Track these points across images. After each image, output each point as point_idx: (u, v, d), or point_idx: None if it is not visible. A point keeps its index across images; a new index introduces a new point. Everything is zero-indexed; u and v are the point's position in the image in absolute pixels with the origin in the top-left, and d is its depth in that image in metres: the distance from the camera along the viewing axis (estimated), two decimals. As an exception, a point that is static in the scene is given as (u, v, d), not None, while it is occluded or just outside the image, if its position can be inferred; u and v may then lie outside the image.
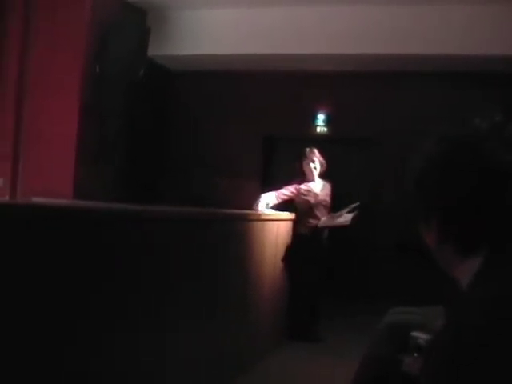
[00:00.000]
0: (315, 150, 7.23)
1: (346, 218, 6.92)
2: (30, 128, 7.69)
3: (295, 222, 7.04)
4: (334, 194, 7.42)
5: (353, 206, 6.98)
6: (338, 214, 7.04)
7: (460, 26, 7.87)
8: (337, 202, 9.39)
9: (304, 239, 6.90)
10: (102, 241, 3.27)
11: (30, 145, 7.69)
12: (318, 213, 7.06)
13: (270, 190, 7.17)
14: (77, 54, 7.77)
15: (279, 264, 6.55)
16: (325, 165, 7.24)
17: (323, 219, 7.02)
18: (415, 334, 2.20)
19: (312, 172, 7.15)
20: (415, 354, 2.07)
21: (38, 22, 7.71)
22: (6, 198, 7.27)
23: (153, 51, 8.63)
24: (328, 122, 9.55)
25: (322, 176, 7.26)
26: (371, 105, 9.14)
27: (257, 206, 6.77)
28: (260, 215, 6.35)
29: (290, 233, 6.93)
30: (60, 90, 7.67)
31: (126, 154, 8.73)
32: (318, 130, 9.62)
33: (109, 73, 8.07)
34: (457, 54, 7.95)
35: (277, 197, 6.98)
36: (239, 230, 5.48)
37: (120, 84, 8.39)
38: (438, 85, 8.82)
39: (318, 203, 7.10)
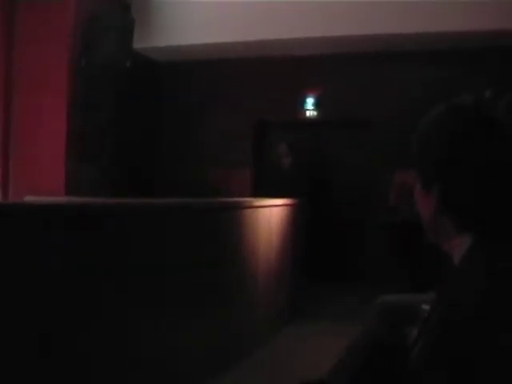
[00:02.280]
0: None
1: None
2: (19, 125, 7.66)
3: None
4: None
5: None
6: None
7: (450, 3, 7.83)
8: (330, 182, 9.51)
9: None
10: (103, 236, 3.26)
11: (19, 143, 7.66)
12: None
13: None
14: (62, 48, 7.72)
15: (274, 247, 6.53)
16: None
17: None
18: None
19: None
20: None
21: (23, 17, 7.66)
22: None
23: (138, 43, 8.59)
24: (317, 106, 9.53)
25: None
26: (361, 87, 9.12)
27: None
28: (253, 202, 6.33)
29: (285, 218, 6.92)
30: (47, 86, 7.62)
31: (117, 148, 8.69)
32: (308, 113, 9.60)
33: (95, 66, 8.03)
34: (444, 31, 7.92)
35: None
36: (233, 217, 5.48)
37: (107, 77, 8.34)
38: (427, 64, 8.80)
39: None
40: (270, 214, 6.43)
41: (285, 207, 6.96)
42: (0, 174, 7.61)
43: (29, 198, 5.81)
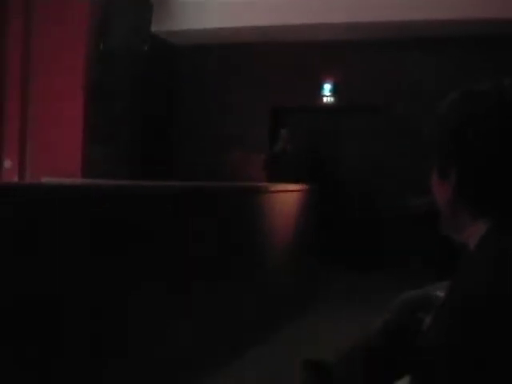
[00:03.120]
0: None
1: None
2: (36, 108, 7.69)
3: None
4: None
5: None
6: None
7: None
8: (345, 169, 9.48)
9: None
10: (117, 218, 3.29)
11: (36, 126, 7.70)
12: None
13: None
14: (80, 31, 7.73)
15: (290, 232, 6.52)
16: None
17: None
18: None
19: None
20: None
21: (41, 1, 7.68)
22: (15, 180, 7.30)
23: (156, 27, 8.58)
24: (335, 92, 9.49)
25: None
26: (378, 73, 9.07)
27: None
28: (269, 187, 6.33)
29: (298, 203, 6.91)
30: (65, 69, 7.64)
31: (134, 130, 8.72)
32: (325, 99, 9.57)
33: (113, 50, 8.03)
34: (464, 19, 7.84)
35: None
36: (249, 202, 5.48)
37: (125, 60, 8.36)
38: (447, 52, 8.73)
39: None
40: (282, 198, 6.42)
41: (295, 193, 6.93)
42: (17, 156, 7.66)
43: (46, 180, 5.85)
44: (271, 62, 9.46)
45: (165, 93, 9.67)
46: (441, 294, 2.09)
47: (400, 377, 2.45)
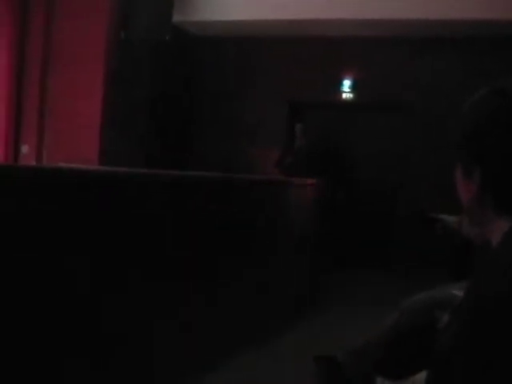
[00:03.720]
0: None
1: None
2: (56, 96, 7.73)
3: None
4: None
5: None
6: None
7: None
8: (363, 168, 9.43)
9: None
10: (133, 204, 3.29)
11: (55, 113, 7.73)
12: None
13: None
14: (101, 20, 7.76)
15: (298, 230, 6.48)
16: None
17: None
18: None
19: None
20: None
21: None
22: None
23: (178, 17, 8.58)
24: (354, 88, 9.45)
25: None
26: (398, 71, 9.02)
27: None
28: (280, 181, 6.31)
29: (310, 198, 6.88)
30: (85, 58, 7.67)
31: (152, 121, 8.73)
32: (344, 96, 9.53)
33: (134, 39, 8.05)
34: (486, 19, 7.79)
35: None
36: (260, 195, 5.47)
37: (145, 50, 8.38)
38: (467, 50, 8.67)
39: None
40: (293, 193, 6.40)
41: (307, 187, 6.89)
42: (35, 142, 7.70)
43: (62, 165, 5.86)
44: (291, 56, 9.44)
45: (184, 83, 9.67)
46: (460, 293, 2.07)
47: (412, 373, 2.44)
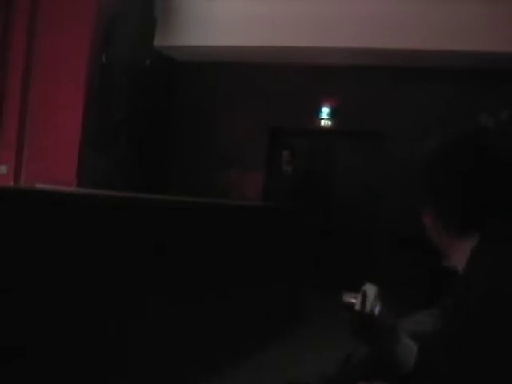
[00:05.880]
0: None
1: None
2: (35, 115, 7.69)
3: None
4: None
5: None
6: None
7: (470, 22, 7.85)
8: (339, 194, 9.48)
9: None
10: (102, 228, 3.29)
11: (34, 131, 7.69)
12: None
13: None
14: (83, 42, 7.77)
15: (283, 251, 6.52)
16: None
17: None
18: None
19: None
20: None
21: (45, 8, 7.70)
22: (10, 184, 7.28)
23: (159, 41, 8.63)
24: (333, 116, 9.53)
25: None
26: (377, 99, 9.12)
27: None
28: (267, 207, 6.34)
29: (293, 223, 6.92)
30: (66, 78, 7.66)
31: (131, 143, 8.73)
32: (323, 123, 9.61)
33: (115, 62, 8.08)
34: (466, 51, 7.92)
35: None
36: (243, 220, 5.49)
37: (126, 73, 8.40)
38: (445, 80, 8.80)
39: None
40: (278, 217, 6.43)
41: (292, 213, 6.95)
42: (13, 163, 7.65)
43: (39, 186, 5.84)
44: (271, 82, 9.50)
45: (164, 106, 9.70)
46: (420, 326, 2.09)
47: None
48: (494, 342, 1.11)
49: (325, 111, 9.57)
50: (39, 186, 5.89)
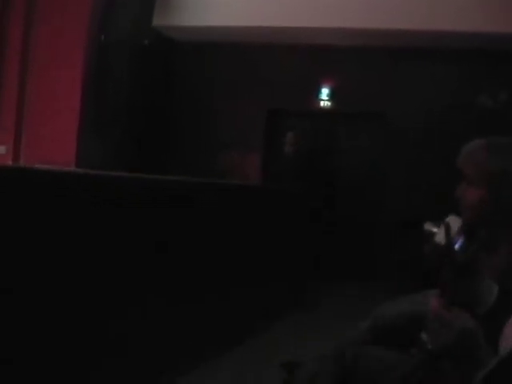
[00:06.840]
0: None
1: None
2: (34, 97, 7.66)
3: None
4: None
5: None
6: None
7: (470, 3, 7.80)
8: (340, 174, 9.47)
9: None
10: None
11: (33, 114, 7.66)
12: None
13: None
14: (81, 23, 7.71)
15: (282, 234, 6.49)
16: None
17: None
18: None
19: None
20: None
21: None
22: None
23: (158, 21, 8.56)
24: (332, 97, 9.49)
25: None
26: (376, 80, 9.08)
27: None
28: (264, 188, 6.32)
29: (293, 206, 6.90)
30: (64, 60, 7.62)
31: (130, 125, 8.70)
32: (322, 104, 9.57)
33: (113, 42, 8.03)
34: (466, 31, 7.88)
35: None
36: (242, 201, 5.48)
37: (124, 54, 8.35)
38: (444, 61, 8.77)
39: None
40: (277, 200, 6.41)
41: (291, 195, 6.93)
42: (12, 144, 7.63)
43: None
44: (271, 63, 9.45)
45: (163, 88, 9.64)
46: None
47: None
48: None
49: (324, 92, 9.52)
50: (38, 165, 5.86)
